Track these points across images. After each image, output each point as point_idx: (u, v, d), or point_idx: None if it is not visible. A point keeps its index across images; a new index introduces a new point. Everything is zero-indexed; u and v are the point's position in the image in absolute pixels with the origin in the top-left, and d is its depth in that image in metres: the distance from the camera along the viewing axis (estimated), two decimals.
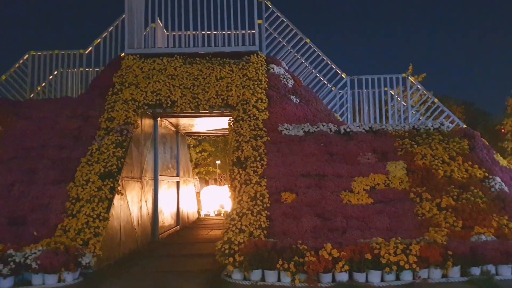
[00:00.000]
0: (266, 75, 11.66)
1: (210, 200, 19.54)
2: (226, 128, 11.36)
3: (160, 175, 12.25)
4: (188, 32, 12.43)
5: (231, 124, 10.68)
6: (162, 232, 12.11)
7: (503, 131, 39.37)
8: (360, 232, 7.77)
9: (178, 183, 14.59)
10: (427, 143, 9.86)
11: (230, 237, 7.37)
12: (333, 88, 13.84)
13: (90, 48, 13.14)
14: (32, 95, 13.00)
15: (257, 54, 12.04)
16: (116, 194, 8.84)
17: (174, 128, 14.50)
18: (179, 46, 12.60)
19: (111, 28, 13.14)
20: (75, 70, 13.13)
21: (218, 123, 13.54)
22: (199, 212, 18.61)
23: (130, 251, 9.48)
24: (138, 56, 11.87)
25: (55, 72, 13.15)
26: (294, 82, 12.24)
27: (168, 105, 10.89)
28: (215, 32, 12.37)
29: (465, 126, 11.99)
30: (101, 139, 9.76)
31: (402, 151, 9.74)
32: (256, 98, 10.95)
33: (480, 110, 53.15)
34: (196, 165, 32.57)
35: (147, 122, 11.48)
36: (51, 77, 13.16)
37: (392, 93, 13.66)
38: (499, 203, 8.37)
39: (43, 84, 13.13)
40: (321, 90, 13.86)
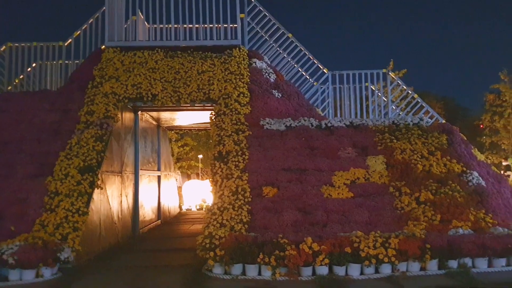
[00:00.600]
0: (248, 69, 11.64)
1: (192, 194, 19.49)
2: (208, 122, 11.32)
3: (141, 169, 12.16)
4: (170, 25, 12.30)
5: (213, 118, 10.64)
6: (143, 226, 12.04)
7: (481, 126, 40.11)
8: (340, 226, 7.83)
9: (159, 177, 14.51)
10: (407, 138, 9.98)
11: (211, 231, 7.37)
12: (315, 83, 13.88)
13: (70, 40, 12.92)
14: (9, 88, 12.73)
15: (239, 48, 12.02)
16: (96, 189, 8.76)
17: (155, 122, 14.39)
18: (161, 39, 12.49)
19: (91, 20, 12.94)
20: (54, 62, 12.90)
21: (200, 117, 13.49)
22: (180, 207, 18.55)
23: (110, 246, 9.42)
24: (119, 49, 11.72)
25: (34, 64, 12.90)
26: (276, 77, 12.24)
27: (149, 98, 10.79)
28: (197, 25, 12.29)
29: (444, 121, 12.17)
30: (80, 133, 9.64)
31: (382, 146, 9.84)
32: (238, 92, 10.92)
33: (459, 106, 54.02)
34: (178, 159, 32.38)
35: (127, 116, 11.37)
36: (29, 69, 12.90)
37: (373, 88, 13.78)
38: (476, 197, 8.51)
39: (21, 76, 12.87)
40: (303, 85, 13.89)
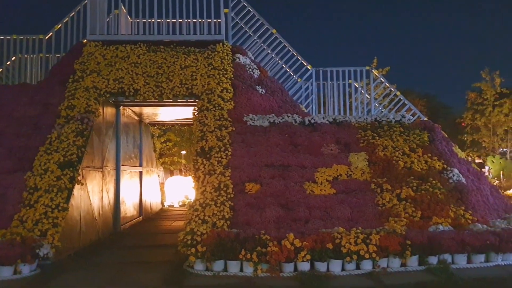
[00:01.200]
0: (231, 65, 11.59)
1: (174, 190, 19.37)
2: (191, 118, 11.24)
3: (122, 165, 12.03)
4: (153, 19, 12.17)
5: (196, 113, 10.58)
6: (124, 223, 11.93)
7: (463, 124, 40.68)
8: (323, 222, 7.86)
9: (141, 173, 14.38)
10: (389, 135, 10.04)
11: (193, 227, 7.32)
12: (298, 80, 13.89)
13: (51, 33, 12.72)
14: None
15: (222, 43, 11.95)
16: (76, 184, 8.63)
17: (137, 117, 14.24)
18: (143, 34, 12.32)
19: (73, 13, 12.74)
20: (34, 56, 12.69)
21: (182, 113, 13.40)
22: (162, 203, 18.42)
23: (91, 242, 9.31)
24: (101, 43, 11.56)
25: (13, 57, 12.68)
26: (260, 73, 12.22)
27: (131, 93, 10.67)
28: (180, 20, 12.19)
29: (426, 119, 12.28)
30: (60, 128, 9.49)
31: (364, 143, 9.89)
32: (221, 88, 10.86)
33: (441, 103, 54.63)
34: (161, 155, 32.15)
35: (109, 111, 11.23)
36: (8, 62, 12.67)
37: (356, 85, 13.84)
38: (456, 194, 8.62)
39: (0, 70, 12.63)
40: (287, 81, 13.89)
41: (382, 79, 14.15)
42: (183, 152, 34.89)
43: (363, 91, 13.93)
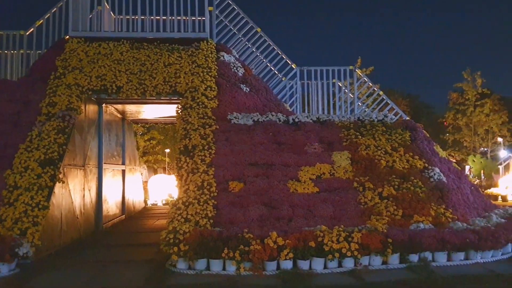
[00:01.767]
0: (216, 63, 11.56)
1: (158, 189, 19.26)
2: (175, 116, 11.18)
3: (105, 163, 11.92)
4: (136, 16, 12.07)
5: (179, 111, 10.52)
6: (106, 221, 11.82)
7: (445, 123, 41.22)
8: (306, 221, 7.88)
9: (123, 171, 14.26)
10: (371, 134, 10.12)
11: (175, 226, 7.29)
12: (283, 78, 13.91)
13: (32, 29, 12.50)
14: None
15: (207, 41, 11.92)
16: (57, 182, 8.54)
17: (120, 115, 14.12)
18: (127, 31, 12.24)
19: (54, 9, 12.54)
20: (15, 52, 12.46)
21: (166, 111, 13.31)
22: (146, 201, 18.30)
23: (72, 241, 9.22)
24: (83, 39, 11.44)
25: None
26: (244, 71, 12.20)
27: (114, 91, 10.57)
28: (164, 17, 12.11)
29: (408, 118, 12.41)
30: (41, 125, 9.36)
31: (347, 142, 9.95)
32: (205, 86, 10.83)
33: (424, 103, 55.29)
34: (144, 153, 31.98)
35: (91, 108, 11.11)
36: None
37: (340, 85, 13.92)
38: (437, 192, 8.72)
39: None
40: (271, 79, 13.91)
41: (365, 78, 14.26)
42: (167, 150, 34.75)
43: (346, 91, 14.02)
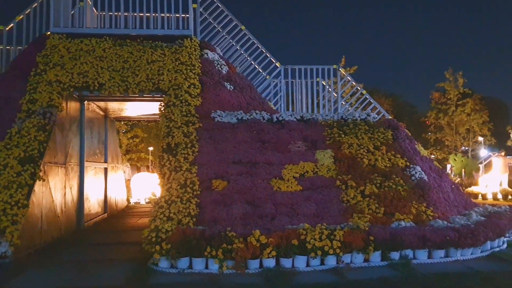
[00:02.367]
0: (199, 60, 11.51)
1: (141, 187, 19.12)
2: (158, 114, 11.11)
3: (87, 161, 11.78)
4: (119, 13, 11.95)
5: (162, 109, 10.45)
6: (88, 220, 11.70)
7: (427, 123, 41.71)
8: (289, 219, 7.89)
9: (106, 169, 14.11)
10: (354, 133, 10.19)
11: (158, 225, 7.24)
12: (267, 77, 13.92)
13: (12, 24, 12.28)
14: None
15: (190, 38, 11.85)
16: (38, 180, 8.40)
17: (102, 112, 13.96)
18: (109, 27, 12.08)
19: (35, 4, 12.34)
20: None
21: (149, 108, 13.22)
22: (128, 200, 18.14)
23: (53, 240, 9.09)
24: (65, 35, 11.28)
25: None
26: (228, 69, 12.17)
27: (96, 88, 10.45)
28: (147, 14, 12.02)
29: (390, 117, 12.52)
30: (21, 122, 9.21)
31: (331, 140, 10.00)
32: (189, 84, 10.77)
33: (407, 103, 55.91)
34: (128, 151, 31.69)
35: (72, 105, 10.97)
36: None
37: (324, 83, 13.98)
38: (418, 191, 8.82)
39: None
40: (255, 78, 13.91)
41: (349, 77, 14.35)
42: (151, 148, 34.53)
43: (330, 90, 14.08)
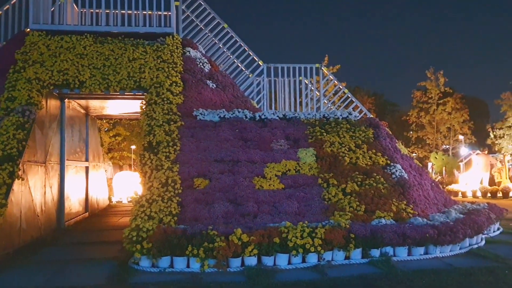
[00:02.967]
0: (181, 58, 11.46)
1: (123, 186, 18.97)
2: (140, 112, 11.02)
3: (67, 160, 11.64)
4: (100, 10, 11.82)
5: (143, 107, 10.38)
6: (68, 219, 11.57)
7: (409, 121, 42.21)
8: (271, 217, 7.90)
9: (87, 168, 13.97)
10: (336, 132, 10.25)
11: (139, 224, 7.18)
12: (250, 75, 13.93)
13: None
14: None
15: (172, 36, 11.80)
16: (16, 179, 8.25)
17: (83, 110, 13.81)
18: (90, 24, 11.97)
19: (14, 0, 12.16)
20: None
21: (131, 106, 13.11)
22: (110, 199, 18.00)
23: (32, 239, 8.95)
24: (44, 32, 11.13)
25: None
26: (211, 67, 12.14)
27: (76, 85, 10.34)
28: (129, 11, 11.91)
29: (371, 116, 12.63)
30: (0, 120, 9.06)
31: (313, 139, 10.05)
32: (171, 82, 10.72)
33: (389, 101, 56.51)
34: (110, 149, 31.42)
35: (53, 103, 10.82)
36: None
37: (306, 82, 14.03)
38: (398, 188, 8.91)
39: None
40: (238, 76, 13.92)
41: (331, 76, 14.43)
42: (133, 146, 34.26)
43: (313, 88, 14.15)
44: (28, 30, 11.35)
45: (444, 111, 38.70)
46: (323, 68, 14.25)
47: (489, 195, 21.99)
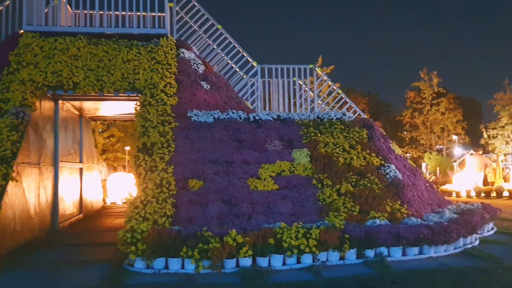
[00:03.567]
0: (175, 60, 11.46)
1: (117, 187, 18.92)
2: (134, 113, 11.00)
3: (61, 161, 11.60)
4: (94, 11, 11.80)
5: (138, 108, 10.36)
6: (63, 220, 11.52)
7: (403, 121, 42.37)
8: (265, 218, 7.92)
9: (81, 169, 13.92)
10: (330, 132, 10.29)
11: (133, 225, 7.16)
12: (244, 76, 13.93)
13: None
14: None
15: (166, 37, 11.79)
16: (11, 181, 8.22)
17: (77, 112, 13.77)
18: (84, 26, 11.92)
19: (7, 2, 12.12)
20: None
21: (125, 108, 13.08)
22: (104, 200, 17.94)
23: (27, 241, 8.91)
24: (38, 34, 11.08)
25: None
26: (205, 68, 12.15)
27: (70, 87, 10.31)
28: (123, 12, 11.89)
29: (365, 117, 12.68)
30: None
31: (307, 139, 10.07)
32: (165, 83, 10.71)
33: (383, 102, 56.76)
34: (104, 151, 31.32)
35: (46, 105, 10.79)
36: None
37: (300, 83, 14.06)
38: (393, 189, 8.95)
39: None
40: (232, 77, 13.91)
41: (325, 77, 14.46)
42: (127, 148, 34.18)
43: (307, 89, 14.17)
44: (21, 31, 11.31)
45: (438, 111, 38.88)
46: (317, 68, 14.27)
47: (483, 195, 22.12)
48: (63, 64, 10.50)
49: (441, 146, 40.37)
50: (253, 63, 13.82)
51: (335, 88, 14.37)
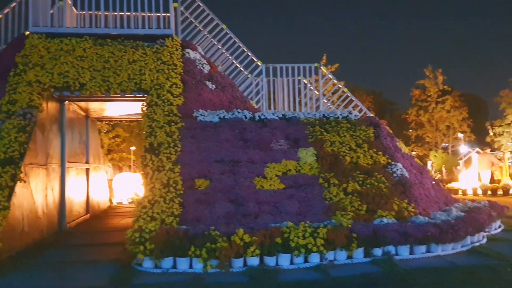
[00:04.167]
0: (181, 60, 11.48)
1: (123, 187, 18.97)
2: (140, 113, 11.03)
3: (68, 162, 11.66)
4: (99, 12, 11.84)
5: (144, 109, 10.40)
6: (70, 221, 11.58)
7: (408, 119, 42.20)
8: (272, 217, 7.93)
9: (87, 170, 13.98)
10: (336, 131, 10.27)
11: (141, 225, 7.19)
12: (249, 75, 13.94)
13: None
14: None
15: (172, 38, 11.81)
16: (18, 182, 8.27)
17: (83, 113, 13.83)
18: (89, 27, 11.97)
19: (14, 4, 12.15)
20: None
21: (131, 108, 13.13)
22: (111, 200, 18.01)
23: (35, 242, 8.97)
24: (44, 35, 11.14)
25: None
26: (210, 68, 12.16)
27: (77, 88, 10.36)
28: (128, 13, 11.92)
29: (371, 115, 12.65)
30: (1, 123, 9.08)
31: (313, 138, 10.07)
32: (171, 83, 10.74)
33: (388, 100, 56.58)
34: (109, 151, 31.39)
35: (53, 106, 10.84)
36: None
37: (305, 82, 14.05)
38: (400, 187, 8.93)
39: None
40: (237, 76, 13.92)
41: (330, 75, 14.44)
42: (132, 148, 34.27)
43: (312, 88, 14.16)
44: (27, 33, 11.36)
45: (443, 109, 38.67)
46: (321, 67, 14.26)
47: (489, 192, 22.00)
48: (69, 65, 10.54)
49: (446, 144, 40.17)
50: (257, 63, 13.82)
51: (340, 86, 14.35)
